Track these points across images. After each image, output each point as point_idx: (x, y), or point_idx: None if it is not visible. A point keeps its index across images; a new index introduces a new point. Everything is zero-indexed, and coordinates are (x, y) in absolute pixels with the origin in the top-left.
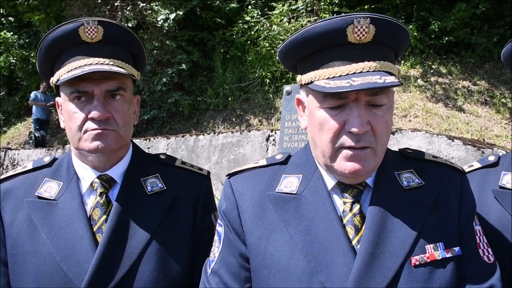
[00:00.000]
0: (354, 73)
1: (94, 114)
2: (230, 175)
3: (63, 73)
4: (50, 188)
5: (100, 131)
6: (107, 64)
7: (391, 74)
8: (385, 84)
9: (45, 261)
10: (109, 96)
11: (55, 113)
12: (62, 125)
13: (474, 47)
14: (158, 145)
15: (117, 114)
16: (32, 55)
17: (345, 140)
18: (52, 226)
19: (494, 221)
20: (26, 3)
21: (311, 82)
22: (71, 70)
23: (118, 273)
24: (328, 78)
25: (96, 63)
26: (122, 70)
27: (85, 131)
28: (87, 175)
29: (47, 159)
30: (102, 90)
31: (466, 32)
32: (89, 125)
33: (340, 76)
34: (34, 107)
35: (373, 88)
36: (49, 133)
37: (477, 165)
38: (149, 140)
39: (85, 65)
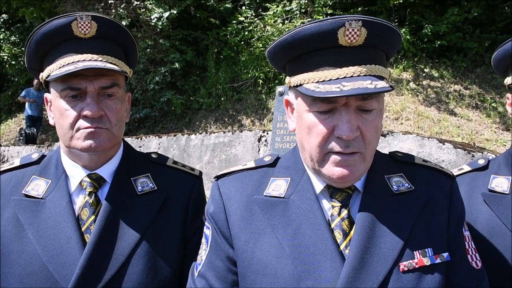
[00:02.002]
0: (345, 77)
1: (87, 112)
2: (218, 177)
3: (55, 69)
4: (37, 186)
5: (93, 129)
6: (100, 60)
7: (382, 78)
8: (376, 89)
9: (31, 262)
10: (102, 94)
11: None
12: (51, 122)
13: (466, 52)
14: (149, 144)
15: (110, 112)
16: (24, 51)
17: (334, 145)
18: (39, 226)
19: (483, 224)
20: None
21: (300, 85)
22: (64, 66)
23: (106, 274)
24: (317, 81)
25: (90, 60)
26: (116, 67)
27: (78, 129)
28: (76, 174)
29: (35, 156)
30: (95, 87)
31: (458, 37)
32: (82, 123)
33: (330, 80)
34: (27, 104)
35: (364, 94)
36: (41, 130)
37: (467, 168)
38: (141, 139)
39: (78, 61)
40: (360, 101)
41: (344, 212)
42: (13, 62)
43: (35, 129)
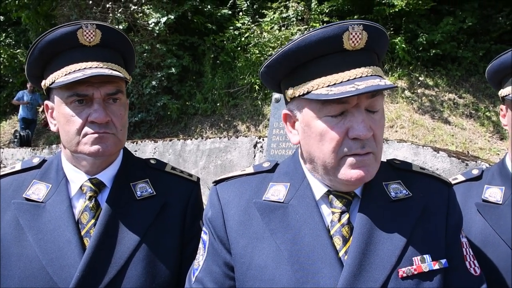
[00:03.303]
0: (355, 78)
1: (95, 118)
2: (216, 182)
3: (60, 76)
4: (38, 190)
5: (100, 135)
6: (106, 68)
7: (382, 77)
8: (387, 85)
9: (30, 265)
10: (107, 100)
11: (42, 113)
12: (53, 129)
13: (460, 61)
14: (145, 148)
15: (116, 118)
16: (19, 53)
17: (350, 148)
18: (39, 229)
19: (476, 234)
20: (16, 1)
21: (308, 93)
22: (70, 73)
23: (105, 278)
24: (328, 85)
25: (96, 67)
26: (121, 74)
27: (85, 135)
28: (76, 178)
29: (36, 160)
30: (102, 94)
31: (452, 46)
32: (89, 129)
33: (342, 82)
34: (21, 106)
35: (381, 89)
36: (35, 132)
37: (461, 178)
38: (137, 143)
39: (85, 68)
40: (369, 101)
41: (345, 218)
42: (9, 64)
43: (29, 131)
